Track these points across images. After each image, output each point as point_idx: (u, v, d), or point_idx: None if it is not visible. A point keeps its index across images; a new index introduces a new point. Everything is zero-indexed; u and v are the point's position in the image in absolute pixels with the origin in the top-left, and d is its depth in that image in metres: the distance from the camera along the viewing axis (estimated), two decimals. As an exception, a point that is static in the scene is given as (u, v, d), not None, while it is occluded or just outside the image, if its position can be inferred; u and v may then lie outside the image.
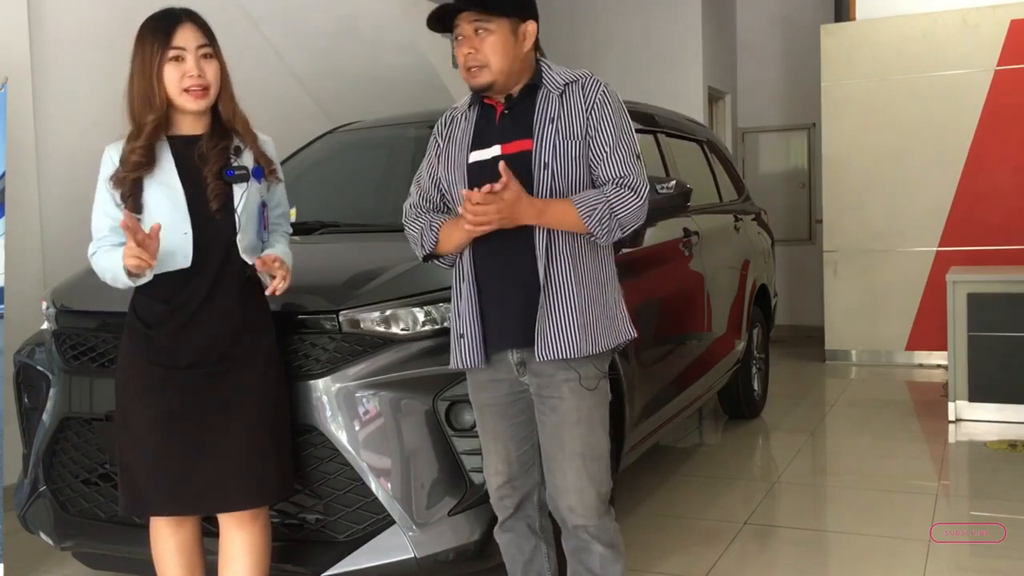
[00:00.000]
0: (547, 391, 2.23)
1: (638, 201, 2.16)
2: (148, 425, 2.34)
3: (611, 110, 2.22)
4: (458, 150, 2.30)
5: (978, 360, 5.16)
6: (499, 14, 2.17)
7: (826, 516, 3.93)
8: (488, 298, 2.25)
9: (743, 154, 9.05)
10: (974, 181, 6.82)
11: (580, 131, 2.20)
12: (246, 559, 2.40)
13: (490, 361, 2.27)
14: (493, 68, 2.18)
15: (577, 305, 2.18)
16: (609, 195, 2.15)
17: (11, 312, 3.60)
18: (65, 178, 4.26)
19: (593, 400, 2.24)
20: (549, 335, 2.16)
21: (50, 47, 4.34)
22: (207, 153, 2.33)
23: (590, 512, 2.23)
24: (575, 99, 2.22)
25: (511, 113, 2.25)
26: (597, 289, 2.23)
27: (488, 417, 2.34)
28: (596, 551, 2.26)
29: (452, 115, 2.39)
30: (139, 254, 2.17)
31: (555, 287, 2.17)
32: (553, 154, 2.18)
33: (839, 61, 7.19)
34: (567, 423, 2.21)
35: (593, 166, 2.21)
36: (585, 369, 2.21)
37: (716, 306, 4.43)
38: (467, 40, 2.19)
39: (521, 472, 2.34)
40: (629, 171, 2.18)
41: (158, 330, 2.33)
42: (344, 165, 4.18)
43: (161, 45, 2.27)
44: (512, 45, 2.19)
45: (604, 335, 2.23)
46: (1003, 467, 4.38)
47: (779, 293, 6.35)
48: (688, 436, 5.24)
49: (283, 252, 2.43)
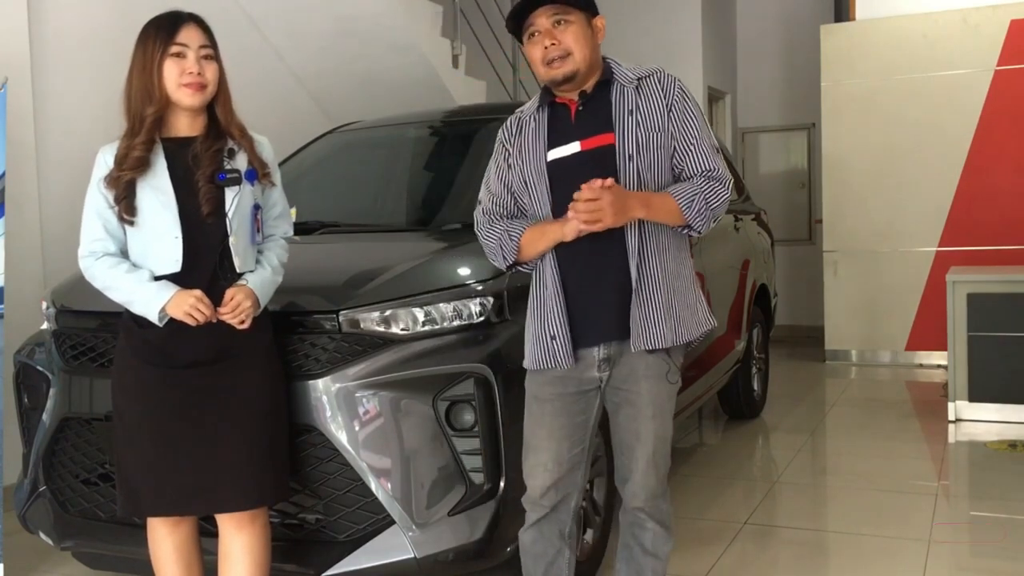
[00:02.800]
0: (625, 384, 2.28)
1: (726, 193, 2.22)
2: (144, 425, 2.34)
3: (691, 105, 2.27)
4: (533, 150, 2.30)
5: (978, 360, 5.16)
6: (576, 6, 2.22)
7: (826, 516, 3.93)
8: (574, 298, 2.27)
9: (743, 154, 9.05)
10: (974, 181, 6.82)
11: (660, 123, 2.23)
12: (246, 561, 2.40)
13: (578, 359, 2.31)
14: (576, 57, 2.21)
15: (666, 298, 2.23)
16: (703, 187, 2.19)
17: (11, 312, 3.60)
18: (65, 178, 4.26)
19: (668, 392, 2.31)
20: (644, 326, 2.21)
21: (50, 47, 4.34)
22: (201, 155, 2.32)
23: (650, 495, 2.33)
24: (653, 92, 2.25)
25: (586, 109, 2.26)
26: (680, 282, 2.28)
27: (548, 412, 2.32)
28: (650, 528, 2.36)
29: (519, 118, 2.38)
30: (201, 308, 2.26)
31: (647, 282, 2.22)
32: (636, 146, 2.21)
33: (839, 61, 7.19)
34: (643, 417, 2.28)
35: (679, 160, 2.25)
36: (666, 364, 2.28)
37: (716, 306, 4.43)
38: (546, 34, 2.22)
39: (568, 473, 2.33)
40: (716, 164, 2.23)
41: (153, 330, 2.33)
42: (344, 165, 4.18)
43: (163, 41, 2.28)
44: (589, 36, 2.25)
45: (690, 325, 2.29)
46: (1003, 467, 4.38)
47: (779, 293, 6.35)
48: (688, 436, 5.24)
49: (258, 282, 2.38)
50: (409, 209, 3.87)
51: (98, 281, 2.36)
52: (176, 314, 2.27)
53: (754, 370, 5.41)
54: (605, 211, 2.08)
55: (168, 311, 2.27)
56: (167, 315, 2.28)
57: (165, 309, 2.27)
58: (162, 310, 2.27)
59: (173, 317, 2.28)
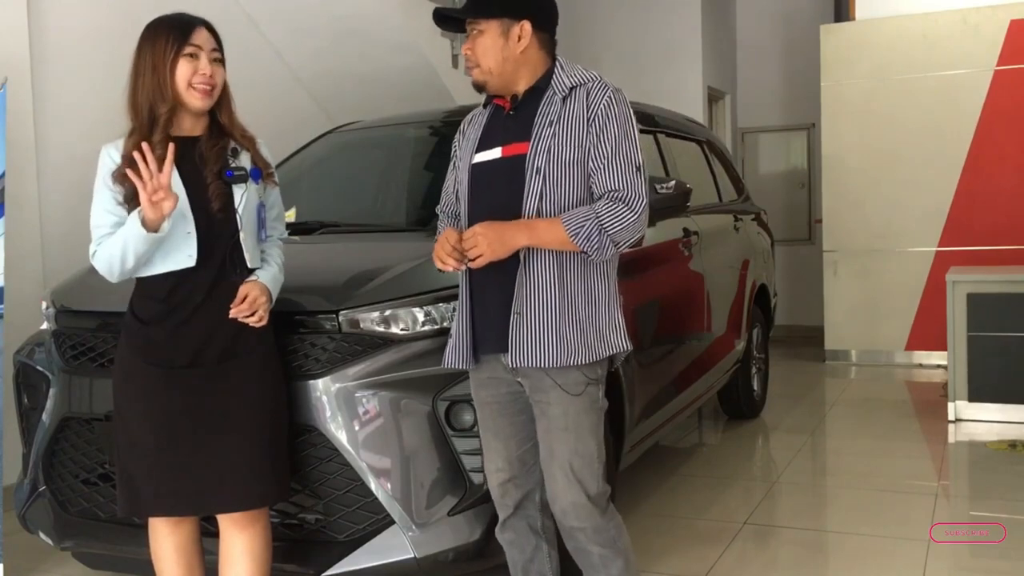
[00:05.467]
0: (537, 395, 2.23)
1: (632, 215, 2.11)
2: (145, 425, 2.34)
3: (615, 119, 2.16)
4: (466, 151, 2.31)
5: (978, 360, 5.16)
6: (485, 16, 2.18)
7: (826, 516, 3.93)
8: (479, 301, 2.27)
9: (743, 154, 9.05)
10: (974, 181, 6.82)
11: (579, 138, 2.16)
12: (246, 562, 2.40)
13: (481, 361, 2.30)
14: (483, 67, 2.21)
15: (557, 314, 2.15)
16: (599, 211, 2.10)
17: (11, 312, 3.60)
18: (65, 178, 4.26)
19: (580, 406, 2.20)
20: (524, 343, 2.16)
21: (50, 47, 4.34)
22: (207, 153, 2.34)
23: (583, 515, 2.22)
24: (578, 104, 2.18)
25: (516, 114, 2.25)
26: (583, 299, 2.19)
27: (489, 415, 2.35)
28: (594, 552, 2.26)
29: (471, 116, 2.39)
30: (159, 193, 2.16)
31: (531, 295, 2.16)
32: (547, 159, 2.15)
33: (839, 61, 7.19)
34: (555, 429, 2.21)
35: (591, 177, 2.17)
36: (569, 376, 2.19)
37: (716, 306, 4.43)
38: (468, 40, 2.23)
39: (522, 471, 2.34)
40: (624, 184, 2.12)
41: (155, 327, 2.33)
42: (344, 165, 4.18)
43: (177, 40, 2.29)
44: (502, 46, 2.19)
45: (588, 347, 2.18)
46: (1003, 467, 4.38)
47: (779, 293, 6.35)
48: (688, 436, 5.24)
49: (269, 278, 2.40)
50: (409, 209, 3.87)
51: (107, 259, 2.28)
52: (151, 213, 2.18)
53: (754, 370, 5.41)
54: (480, 246, 2.08)
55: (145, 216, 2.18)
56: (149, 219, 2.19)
57: (144, 219, 2.19)
58: (143, 221, 2.19)
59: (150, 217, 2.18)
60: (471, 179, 2.26)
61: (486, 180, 2.22)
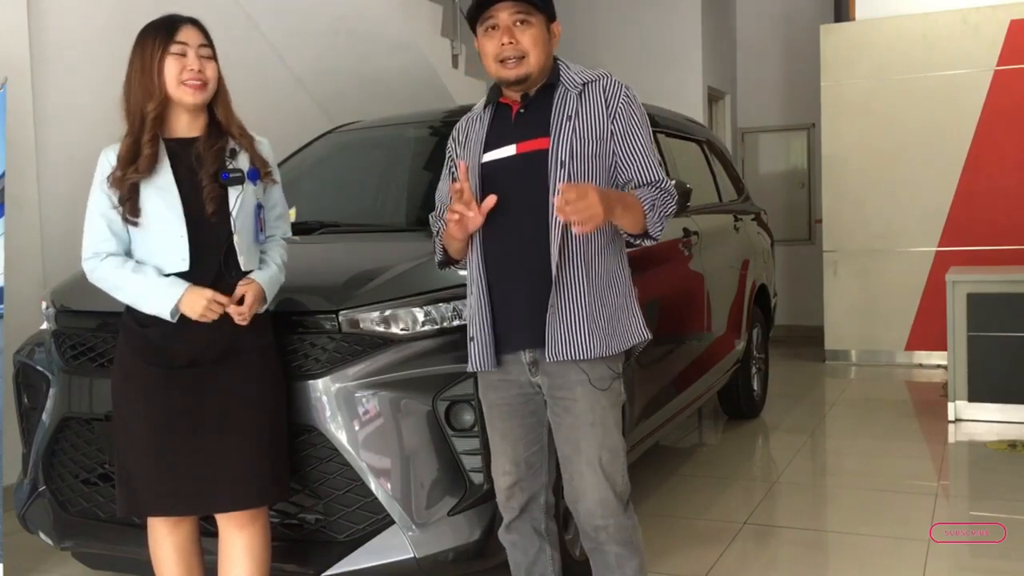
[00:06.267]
0: (560, 392, 2.21)
1: (673, 203, 2.22)
2: (144, 425, 2.34)
3: (637, 114, 2.22)
4: (472, 152, 2.28)
5: (978, 360, 5.16)
6: (540, 10, 2.19)
7: (826, 516, 3.93)
8: (499, 299, 2.23)
9: (743, 154, 9.05)
10: (974, 181, 6.82)
11: (600, 131, 2.19)
12: (246, 562, 2.40)
13: (501, 362, 2.26)
14: (531, 61, 2.18)
15: (588, 306, 2.16)
16: (653, 195, 2.18)
17: (11, 312, 3.60)
18: (65, 178, 4.26)
19: (607, 401, 2.22)
20: (560, 336, 2.15)
21: (50, 47, 4.34)
22: (204, 154, 2.33)
23: (609, 513, 2.22)
24: (595, 99, 2.21)
25: (527, 112, 2.24)
26: (609, 290, 2.21)
27: (497, 417, 2.33)
28: (611, 551, 2.25)
29: (467, 120, 2.37)
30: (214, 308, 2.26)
31: (567, 287, 2.16)
32: (570, 153, 2.16)
33: (839, 61, 7.19)
34: (582, 425, 2.20)
35: (623, 170, 2.21)
36: (597, 370, 2.20)
37: (716, 306, 4.43)
38: (505, 30, 2.17)
39: (529, 474, 2.33)
40: (662, 175, 2.22)
41: (153, 330, 2.33)
42: (344, 165, 4.18)
43: (163, 40, 2.29)
44: (546, 41, 2.21)
45: (616, 337, 2.21)
46: (1003, 467, 4.38)
47: (779, 293, 6.35)
48: (688, 436, 5.24)
49: (266, 278, 2.40)
50: (409, 209, 3.87)
51: (106, 282, 2.35)
52: (191, 314, 2.27)
53: (754, 370, 5.41)
54: (592, 206, 1.96)
55: (182, 309, 2.27)
56: (179, 312, 2.28)
57: (179, 307, 2.27)
58: (175, 308, 2.27)
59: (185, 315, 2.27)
60: (482, 178, 2.24)
61: (500, 178, 2.21)
